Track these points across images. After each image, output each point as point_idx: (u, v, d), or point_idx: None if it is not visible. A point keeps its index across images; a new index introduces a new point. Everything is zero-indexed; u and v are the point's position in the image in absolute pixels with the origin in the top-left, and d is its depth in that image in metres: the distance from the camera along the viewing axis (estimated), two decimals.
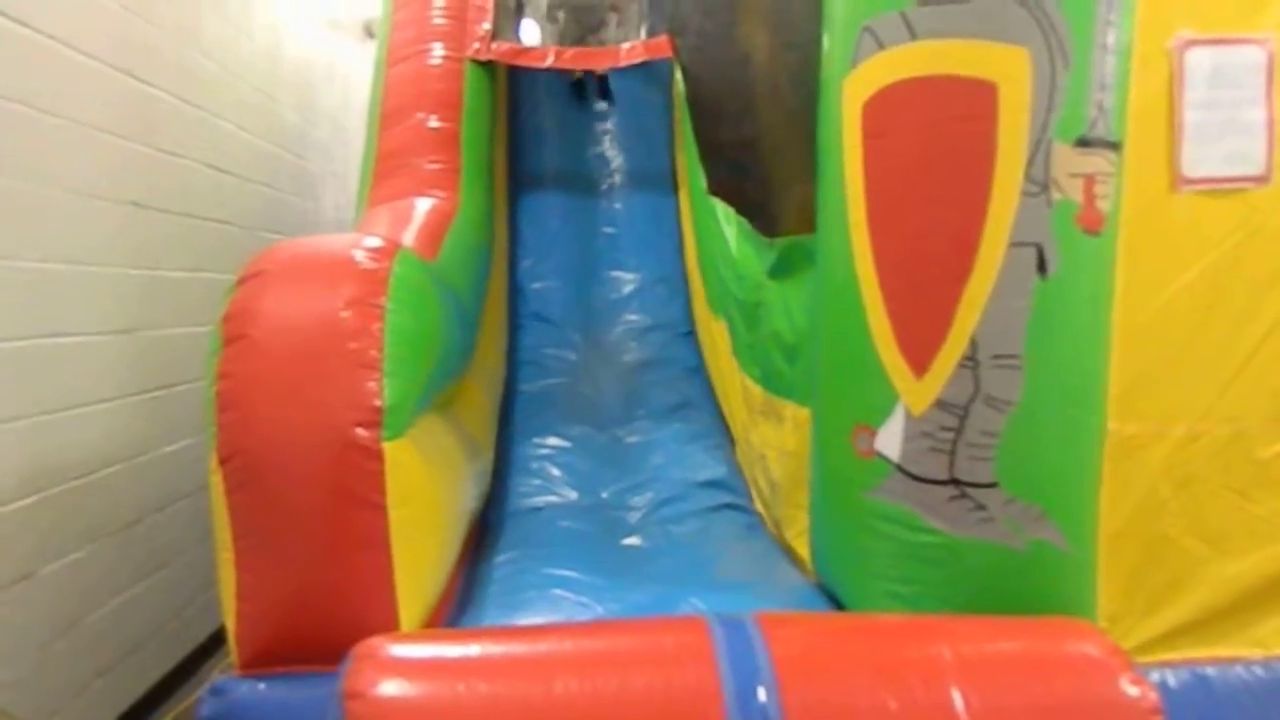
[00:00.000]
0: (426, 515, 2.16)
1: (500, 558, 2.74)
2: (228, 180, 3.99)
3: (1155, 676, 1.99)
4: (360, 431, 1.92)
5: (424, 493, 2.14)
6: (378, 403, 1.95)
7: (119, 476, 3.11)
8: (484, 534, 3.01)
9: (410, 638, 1.61)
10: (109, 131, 3.05)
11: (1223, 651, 2.05)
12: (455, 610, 2.36)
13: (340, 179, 5.50)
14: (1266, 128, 1.98)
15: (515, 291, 4.39)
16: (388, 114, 3.71)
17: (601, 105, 4.80)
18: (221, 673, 1.98)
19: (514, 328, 4.28)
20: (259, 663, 1.93)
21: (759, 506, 3.26)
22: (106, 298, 3.08)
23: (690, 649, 1.46)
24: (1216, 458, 2.03)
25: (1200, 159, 1.98)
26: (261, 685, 1.90)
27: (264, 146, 4.41)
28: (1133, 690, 1.43)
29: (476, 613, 2.34)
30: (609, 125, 4.84)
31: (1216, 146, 1.99)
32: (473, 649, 1.50)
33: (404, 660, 1.45)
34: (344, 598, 1.93)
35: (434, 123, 3.68)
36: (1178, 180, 1.99)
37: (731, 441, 3.67)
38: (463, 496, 2.59)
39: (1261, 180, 2.00)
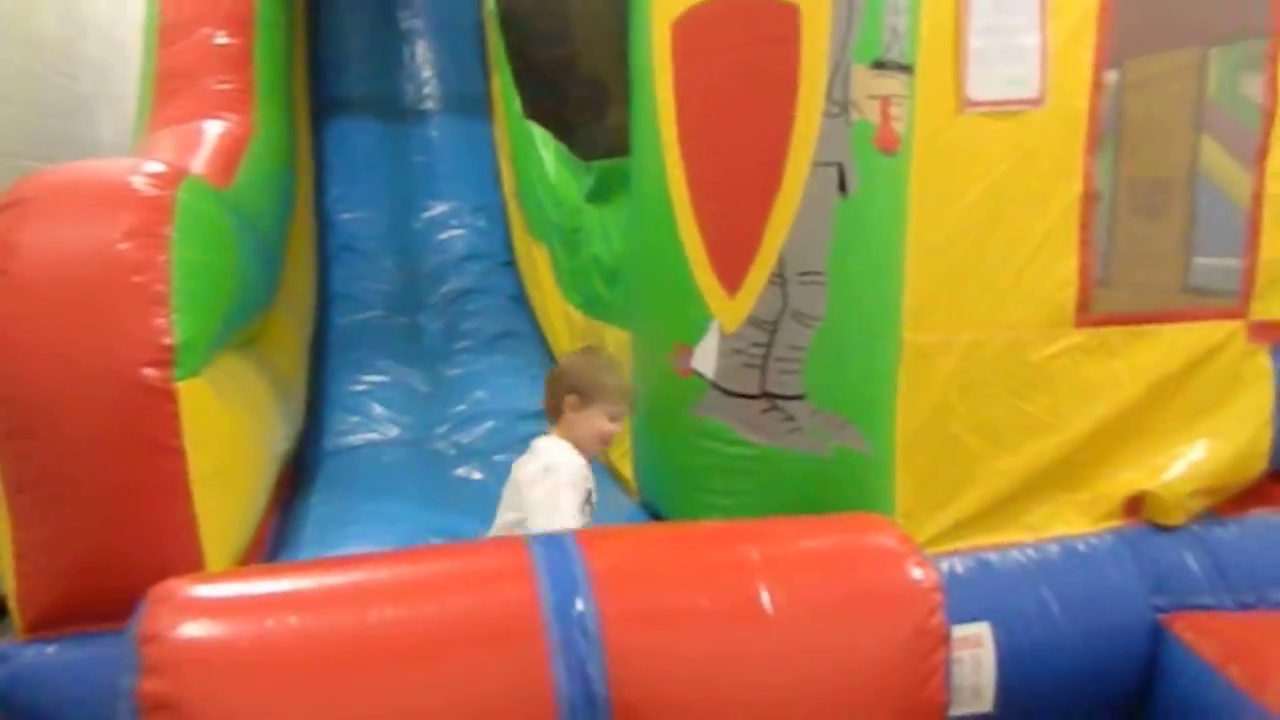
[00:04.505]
0: (230, 457, 2.06)
1: (317, 497, 2.65)
2: None
3: (945, 565, 2.18)
4: (149, 371, 1.82)
5: (225, 434, 2.04)
6: (167, 340, 1.84)
7: None
8: (299, 475, 2.90)
9: (211, 577, 1.53)
10: None
11: (1001, 538, 2.26)
12: (269, 555, 2.27)
13: (117, 101, 5.01)
14: (1039, 53, 2.12)
15: (324, 223, 4.18)
16: (166, 28, 3.40)
17: (409, 24, 4.57)
18: (3, 638, 1.83)
19: (324, 260, 4.08)
20: (47, 624, 1.82)
21: None
22: None
23: (508, 567, 1.47)
24: (996, 363, 2.20)
25: (982, 82, 2.10)
26: (50, 649, 1.79)
27: (20, 62, 3.94)
28: (917, 573, 1.56)
29: (292, 555, 2.26)
30: (419, 47, 4.63)
31: (997, 70, 2.12)
32: (281, 583, 1.45)
33: (205, 600, 1.38)
34: (142, 548, 1.83)
35: (222, 39, 3.40)
36: (963, 103, 2.11)
37: None
38: (271, 437, 2.48)
39: (1035, 103, 2.14)
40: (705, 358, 2.11)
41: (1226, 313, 2.40)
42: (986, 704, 2.12)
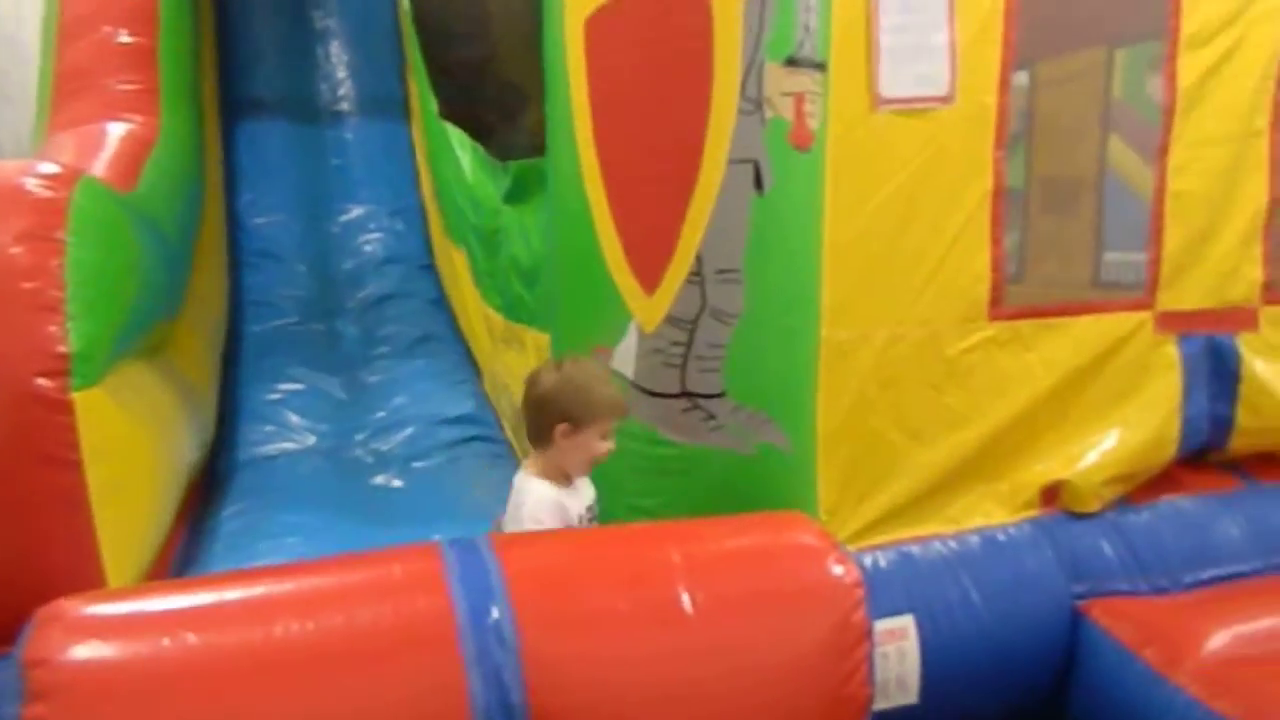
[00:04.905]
0: (132, 470, 1.97)
1: (230, 510, 2.55)
2: None
3: (869, 559, 2.20)
4: (43, 382, 1.75)
5: (127, 445, 1.96)
6: (62, 349, 1.78)
7: None
8: (211, 487, 2.79)
9: (104, 595, 1.46)
10: None
11: (923, 530, 2.29)
12: (176, 571, 2.18)
13: (16, 104, 4.80)
14: (948, 50, 2.15)
15: (236, 228, 4.05)
16: (66, 26, 3.26)
17: (323, 23, 4.47)
18: None
19: (237, 266, 3.96)
20: None
21: (508, 435, 3.24)
22: None
23: (421, 576, 1.42)
24: (914, 357, 2.23)
25: (894, 80, 2.13)
26: None
27: None
28: (838, 569, 1.56)
29: (201, 570, 2.17)
30: (333, 47, 4.53)
31: (908, 68, 2.14)
32: (180, 600, 1.38)
33: (97, 619, 1.31)
34: (37, 566, 1.76)
35: (125, 38, 3.28)
36: (876, 100, 2.13)
37: (478, 374, 3.61)
38: (178, 448, 2.38)
39: (946, 100, 2.18)
40: (625, 358, 2.08)
41: (1134, 305, 2.47)
42: (912, 695, 2.14)
